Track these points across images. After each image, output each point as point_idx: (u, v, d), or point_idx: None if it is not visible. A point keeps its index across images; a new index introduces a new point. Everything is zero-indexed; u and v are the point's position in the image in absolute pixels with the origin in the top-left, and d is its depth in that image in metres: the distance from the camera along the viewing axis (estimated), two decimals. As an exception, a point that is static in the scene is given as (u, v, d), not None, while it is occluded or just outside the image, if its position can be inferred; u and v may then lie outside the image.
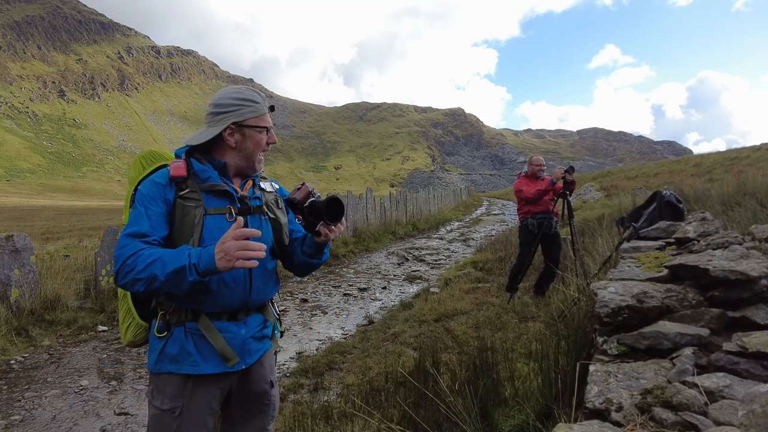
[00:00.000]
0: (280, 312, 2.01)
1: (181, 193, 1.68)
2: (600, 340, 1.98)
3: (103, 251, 6.52)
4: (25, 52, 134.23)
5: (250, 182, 1.85)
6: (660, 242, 3.10)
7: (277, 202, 1.91)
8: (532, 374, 3.21)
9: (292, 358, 4.94)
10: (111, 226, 6.74)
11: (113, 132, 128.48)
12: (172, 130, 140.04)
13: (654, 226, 3.41)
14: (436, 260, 11.14)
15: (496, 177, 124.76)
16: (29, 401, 3.98)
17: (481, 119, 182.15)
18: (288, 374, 4.47)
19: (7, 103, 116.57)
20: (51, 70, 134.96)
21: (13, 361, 4.79)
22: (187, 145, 1.79)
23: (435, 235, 16.26)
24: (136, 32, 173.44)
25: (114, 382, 4.39)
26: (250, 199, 1.80)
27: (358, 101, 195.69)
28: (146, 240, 1.60)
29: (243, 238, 1.51)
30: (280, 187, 1.99)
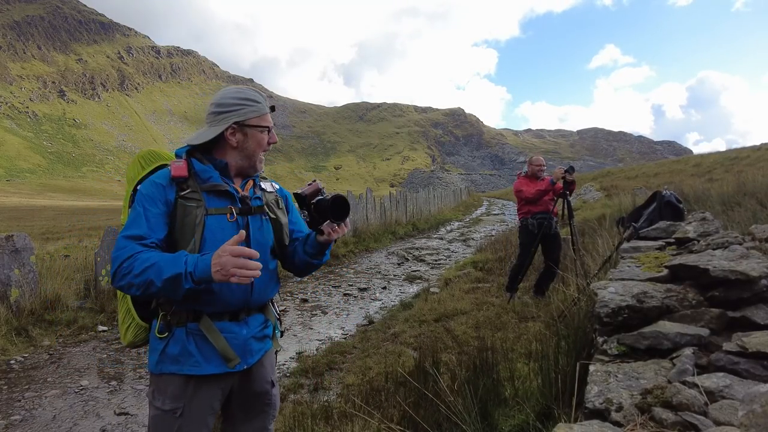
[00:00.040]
0: (280, 312, 2.01)
1: (182, 193, 1.68)
2: (600, 340, 1.98)
3: (103, 251, 6.52)
4: (25, 52, 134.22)
5: (251, 182, 1.85)
6: (660, 242, 3.10)
7: (277, 202, 1.91)
8: (532, 374, 3.21)
9: (292, 358, 4.94)
10: (111, 226, 6.74)
11: (113, 132, 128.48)
12: (172, 130, 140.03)
13: (654, 226, 3.42)
14: (436, 260, 11.14)
15: (496, 177, 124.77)
16: (29, 401, 3.98)
17: (481, 119, 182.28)
18: (288, 374, 4.47)
19: (7, 103, 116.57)
20: (51, 70, 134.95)
21: (13, 361, 4.79)
22: (188, 145, 1.79)
23: (435, 235, 16.26)
24: (136, 32, 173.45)
25: (114, 382, 4.39)
26: (251, 199, 1.80)
27: (358, 101, 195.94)
28: (144, 243, 1.59)
29: (241, 256, 1.50)
30: (280, 187, 1.99)
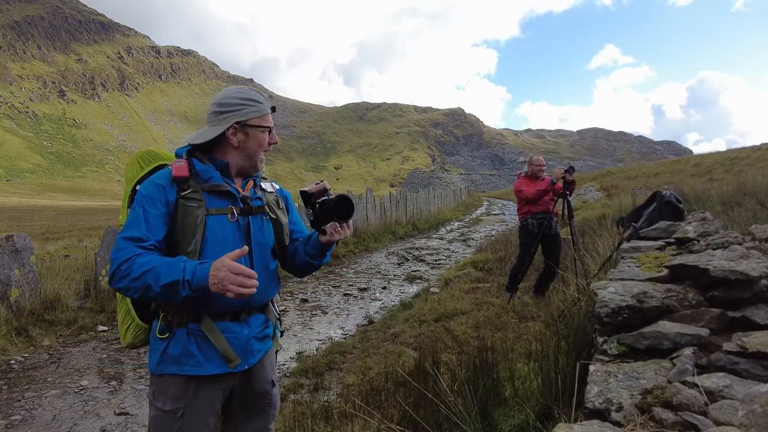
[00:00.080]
0: (280, 312, 2.01)
1: (183, 193, 1.67)
2: (600, 340, 1.98)
3: (103, 251, 6.52)
4: (25, 52, 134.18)
5: (251, 182, 1.85)
6: (660, 242, 3.10)
7: (277, 203, 1.91)
8: (532, 374, 3.21)
9: (292, 358, 4.94)
10: (111, 226, 6.74)
11: (113, 132, 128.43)
12: (172, 130, 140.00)
13: (654, 226, 3.42)
14: (436, 260, 11.14)
15: (496, 177, 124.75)
16: (29, 401, 3.99)
17: (481, 119, 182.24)
18: (288, 374, 4.47)
19: (7, 103, 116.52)
20: (51, 70, 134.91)
21: (13, 361, 4.79)
22: (188, 144, 1.79)
23: (435, 235, 16.26)
24: (136, 32, 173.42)
25: (114, 382, 4.39)
26: (252, 199, 1.80)
27: (358, 101, 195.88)
28: (142, 245, 1.59)
29: (241, 274, 1.50)
30: (280, 187, 1.99)
